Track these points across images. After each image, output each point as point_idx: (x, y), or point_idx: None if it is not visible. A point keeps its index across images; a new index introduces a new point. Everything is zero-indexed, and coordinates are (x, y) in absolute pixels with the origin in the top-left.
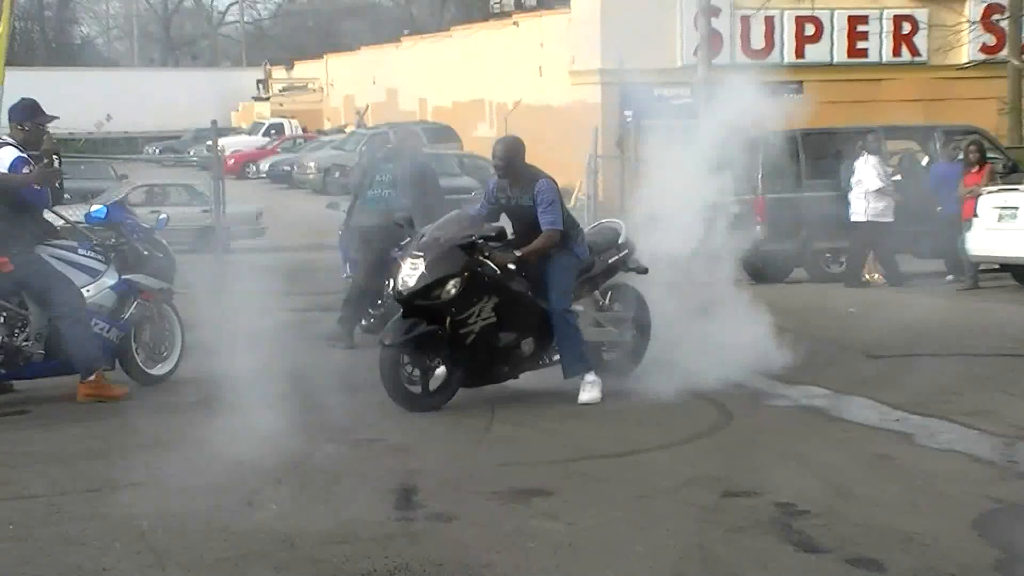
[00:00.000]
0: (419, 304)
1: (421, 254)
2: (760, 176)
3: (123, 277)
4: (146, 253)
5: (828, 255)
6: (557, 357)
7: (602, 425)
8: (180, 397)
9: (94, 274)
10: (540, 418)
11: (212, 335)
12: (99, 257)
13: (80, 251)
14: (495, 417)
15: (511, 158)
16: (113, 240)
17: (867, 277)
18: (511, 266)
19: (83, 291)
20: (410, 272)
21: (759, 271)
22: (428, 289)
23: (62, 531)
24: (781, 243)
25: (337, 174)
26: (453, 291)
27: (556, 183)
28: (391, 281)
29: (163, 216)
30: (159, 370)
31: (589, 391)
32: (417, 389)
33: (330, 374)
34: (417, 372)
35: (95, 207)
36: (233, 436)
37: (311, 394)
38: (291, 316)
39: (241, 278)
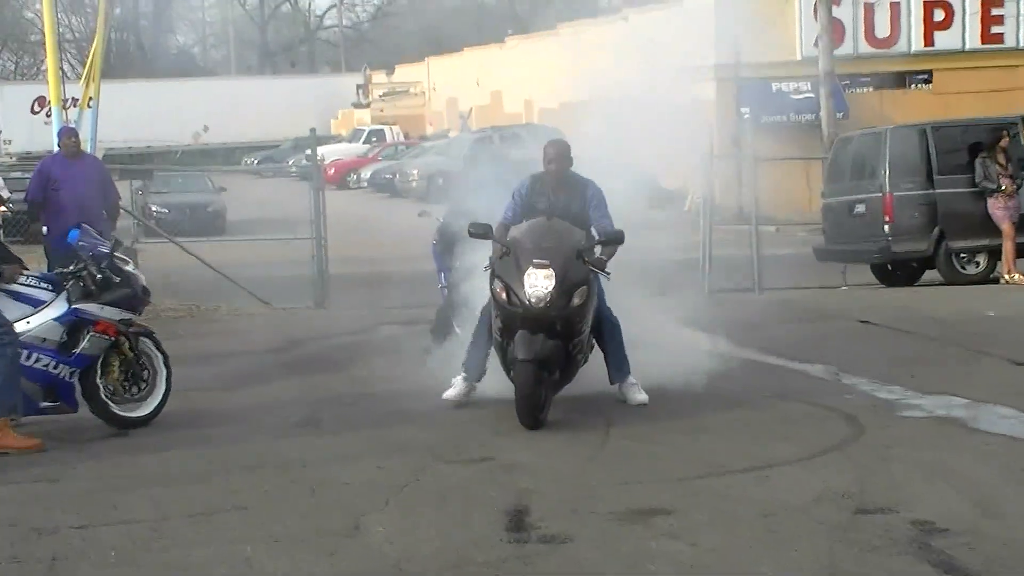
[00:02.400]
0: (550, 316)
1: (547, 262)
2: (887, 173)
3: (72, 307)
4: (116, 279)
5: (963, 255)
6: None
7: (725, 439)
8: (283, 417)
9: (35, 304)
10: (658, 431)
11: (313, 350)
12: (46, 286)
13: (25, 280)
14: (611, 431)
15: (566, 161)
16: (72, 267)
17: (1007, 278)
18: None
19: (22, 323)
20: (540, 282)
21: (888, 273)
22: (559, 299)
23: (166, 557)
24: (912, 243)
25: (441, 181)
26: (578, 301)
27: None
28: (502, 292)
29: (73, 231)
30: (134, 411)
31: (640, 392)
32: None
33: (430, 390)
34: (541, 389)
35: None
36: (337, 456)
37: (414, 410)
38: (392, 330)
39: (338, 292)
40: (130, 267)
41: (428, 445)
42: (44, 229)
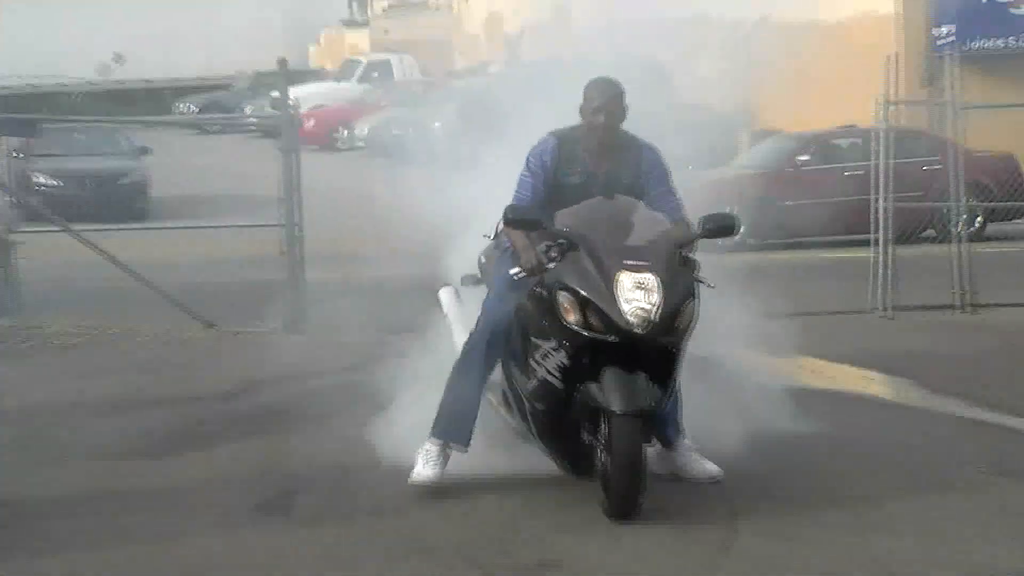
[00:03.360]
0: (656, 345)
1: (645, 263)
2: None
3: None
4: None
5: None
6: None
7: (915, 538)
8: (237, 500)
9: None
10: (811, 526)
11: (280, 397)
12: None
13: None
14: (738, 524)
15: (620, 111)
16: None
17: None
18: None
19: None
20: (638, 294)
21: None
22: (667, 319)
23: None
24: None
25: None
26: (685, 323)
27: None
28: (571, 310)
29: None
30: None
31: (705, 461)
32: None
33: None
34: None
35: None
36: (319, 561)
37: (430, 491)
38: (395, 367)
39: (318, 308)
40: None
41: (456, 544)
42: None
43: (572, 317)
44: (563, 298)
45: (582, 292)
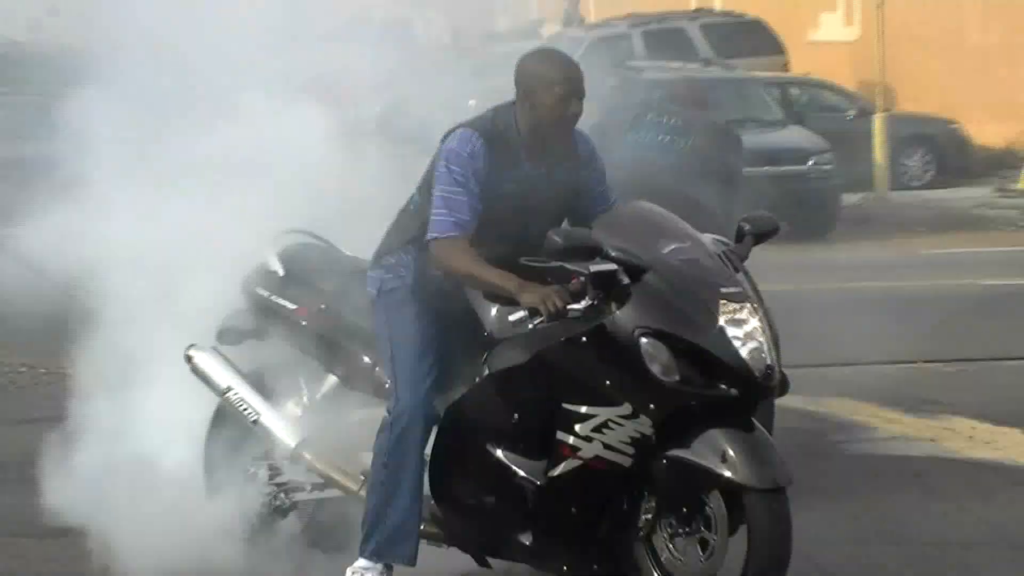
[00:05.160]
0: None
1: (739, 290)
2: None
3: None
4: None
5: None
6: None
7: None
8: None
9: None
10: None
11: None
12: None
13: None
14: None
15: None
16: None
17: None
18: None
19: None
20: (744, 334)
21: None
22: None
23: None
24: None
25: None
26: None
27: None
28: (660, 359)
29: None
30: None
31: None
32: None
33: None
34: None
35: None
36: None
37: None
38: None
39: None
40: None
41: None
42: None
43: (667, 370)
44: (651, 346)
45: (683, 336)
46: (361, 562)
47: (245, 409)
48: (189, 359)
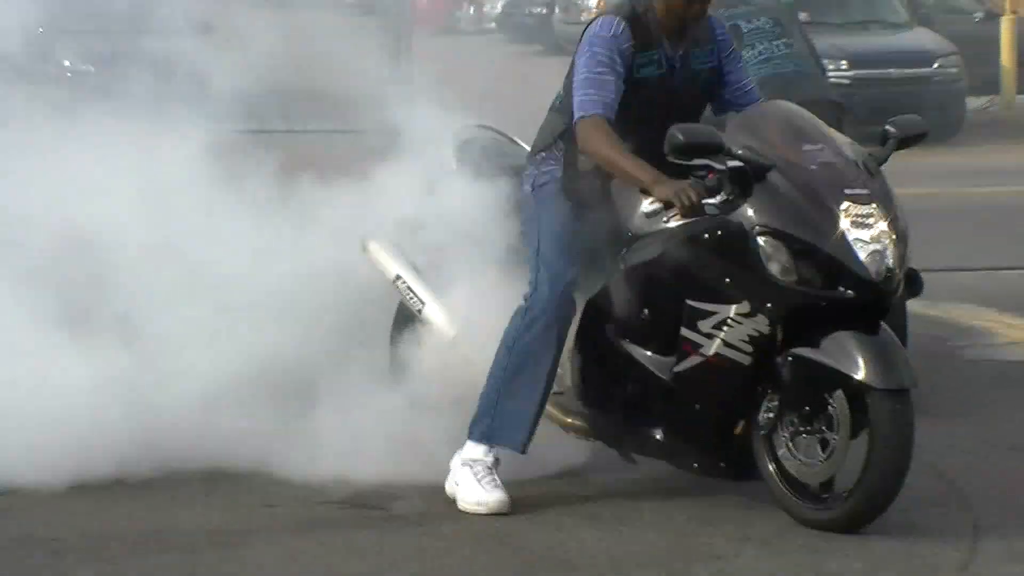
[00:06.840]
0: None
1: (867, 191)
2: None
3: None
4: None
5: None
6: None
7: None
8: None
9: None
10: None
11: None
12: None
13: None
14: (979, 543)
15: None
16: None
17: None
18: None
19: None
20: (869, 236)
21: None
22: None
23: None
24: None
25: None
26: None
27: None
28: (779, 259)
29: None
30: None
31: None
32: None
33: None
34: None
35: None
36: None
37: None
38: None
39: None
40: None
41: (613, 557)
42: None
43: (785, 270)
44: (769, 246)
45: (801, 236)
46: (469, 448)
47: (411, 298)
48: (364, 247)
